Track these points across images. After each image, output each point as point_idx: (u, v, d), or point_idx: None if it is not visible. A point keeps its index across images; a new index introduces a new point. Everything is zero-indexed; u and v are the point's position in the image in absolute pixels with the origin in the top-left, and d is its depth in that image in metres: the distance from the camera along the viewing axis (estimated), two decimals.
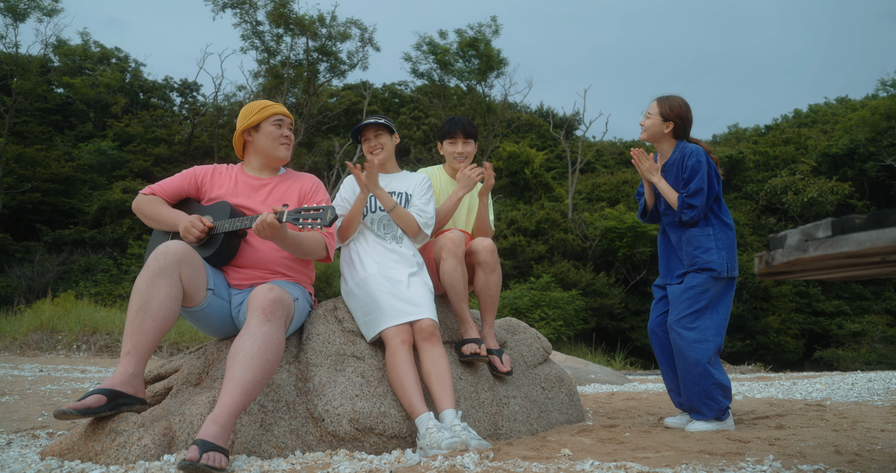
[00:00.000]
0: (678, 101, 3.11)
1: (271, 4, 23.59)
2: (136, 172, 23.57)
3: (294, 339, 2.66)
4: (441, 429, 2.27)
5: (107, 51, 29.28)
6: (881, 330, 19.44)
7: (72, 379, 5.63)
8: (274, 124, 2.70)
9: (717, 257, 2.95)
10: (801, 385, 5.58)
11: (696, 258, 2.98)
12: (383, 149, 2.95)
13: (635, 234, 20.13)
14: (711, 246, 2.97)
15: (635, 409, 3.88)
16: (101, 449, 2.04)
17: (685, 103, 3.11)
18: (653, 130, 3.11)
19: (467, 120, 3.21)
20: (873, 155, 25.03)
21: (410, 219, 2.80)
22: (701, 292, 2.93)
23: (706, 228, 3.01)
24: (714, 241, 2.98)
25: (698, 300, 2.93)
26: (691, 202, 2.96)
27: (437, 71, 27.33)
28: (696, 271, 2.97)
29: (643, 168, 3.09)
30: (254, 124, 2.69)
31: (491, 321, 2.99)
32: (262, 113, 2.69)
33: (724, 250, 2.98)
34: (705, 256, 2.96)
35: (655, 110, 3.11)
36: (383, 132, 2.97)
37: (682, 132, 3.12)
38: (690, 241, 3.02)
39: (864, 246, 1.13)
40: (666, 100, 3.11)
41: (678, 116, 3.08)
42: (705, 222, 3.02)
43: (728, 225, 3.04)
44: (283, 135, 2.71)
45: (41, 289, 16.11)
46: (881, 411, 3.47)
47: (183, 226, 2.49)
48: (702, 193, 2.95)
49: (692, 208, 2.96)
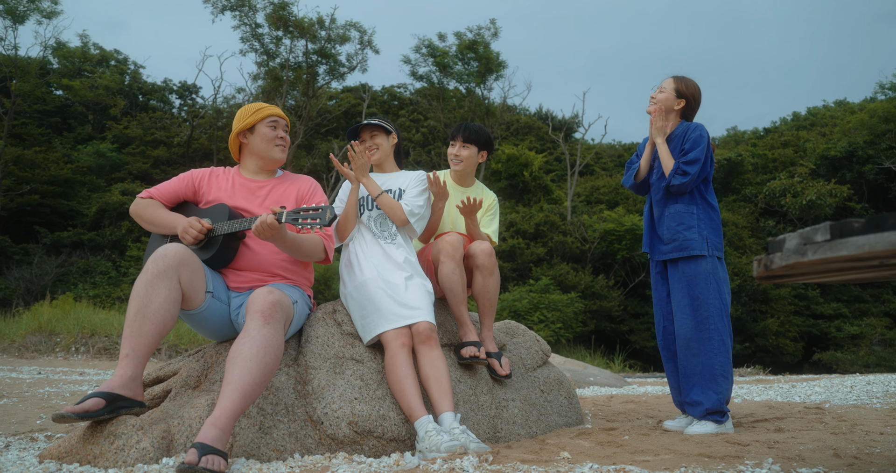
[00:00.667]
0: (693, 82, 3.20)
1: (270, 7, 23.64)
2: (135, 174, 23.58)
3: (293, 342, 2.66)
4: (440, 432, 2.27)
5: (106, 53, 29.32)
6: (880, 333, 19.45)
7: (70, 382, 5.62)
8: (269, 126, 2.70)
9: (697, 236, 2.99)
10: (800, 388, 5.58)
11: (678, 234, 3.02)
12: (379, 149, 2.96)
13: (634, 236, 20.15)
14: (693, 224, 3.01)
15: (634, 412, 3.88)
16: (99, 452, 2.04)
17: (698, 85, 3.20)
18: (665, 103, 3.16)
19: (476, 127, 3.21)
20: (872, 158, 25.08)
21: (396, 206, 2.80)
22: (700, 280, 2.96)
23: (690, 206, 3.05)
24: (696, 220, 3.02)
25: (698, 289, 2.95)
26: (686, 169, 3.00)
27: (437, 73, 27.39)
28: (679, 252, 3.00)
29: (657, 125, 3.12)
30: (248, 127, 2.70)
31: (490, 324, 2.99)
32: (256, 115, 2.69)
33: (706, 229, 3.01)
34: (686, 233, 3.00)
35: (671, 86, 3.18)
36: (379, 133, 2.97)
37: (691, 113, 3.19)
38: (674, 216, 3.06)
39: (863, 250, 1.13)
40: (682, 78, 3.19)
41: (692, 95, 3.16)
42: (690, 199, 3.06)
43: (712, 206, 3.08)
44: (278, 136, 2.71)
45: (39, 291, 16.10)
46: (880, 414, 3.47)
47: (181, 228, 2.49)
48: (698, 163, 2.98)
49: (685, 175, 3.00)
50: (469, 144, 3.18)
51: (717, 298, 2.95)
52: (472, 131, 3.18)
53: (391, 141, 3.01)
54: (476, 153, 3.21)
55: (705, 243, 2.99)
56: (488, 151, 3.28)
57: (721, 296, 2.97)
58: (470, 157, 3.20)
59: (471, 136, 3.18)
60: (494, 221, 3.25)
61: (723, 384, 2.90)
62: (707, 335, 2.92)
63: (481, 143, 3.21)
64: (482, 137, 3.20)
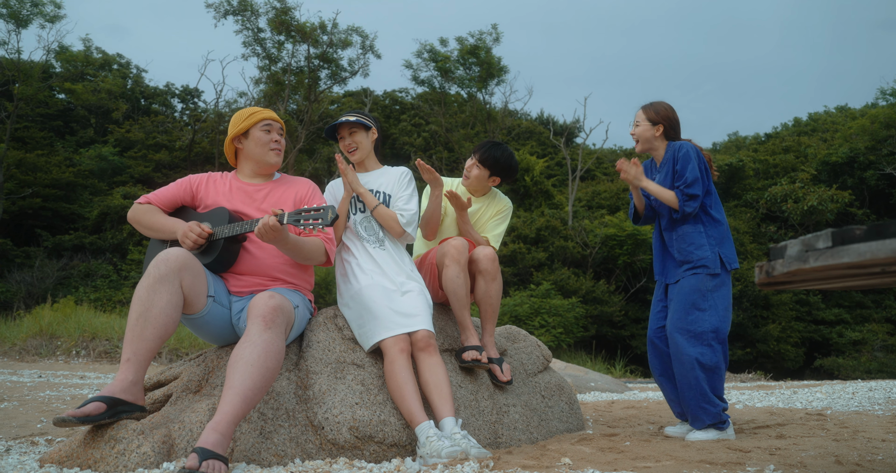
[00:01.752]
0: (661, 104, 3.18)
1: (273, 12, 23.71)
2: (137, 177, 23.61)
3: (294, 347, 2.66)
4: (441, 438, 2.27)
5: (108, 57, 29.40)
6: (882, 339, 19.40)
7: (71, 385, 5.62)
8: (262, 130, 2.70)
9: (709, 254, 2.97)
10: (802, 394, 5.56)
11: (690, 254, 3.00)
12: (359, 147, 2.93)
13: (635, 242, 20.13)
14: (703, 243, 3.00)
15: (635, 418, 3.87)
16: (100, 457, 2.04)
17: (669, 105, 3.19)
18: (644, 135, 3.16)
19: (498, 154, 3.11)
20: (873, 164, 25.07)
21: (392, 218, 2.79)
22: (699, 295, 2.94)
23: (697, 225, 3.04)
24: (706, 237, 3.01)
25: (697, 305, 2.93)
26: (690, 193, 2.97)
27: (438, 78, 27.43)
28: (691, 271, 2.98)
29: (630, 177, 3.09)
30: (242, 131, 2.70)
31: (491, 329, 2.99)
32: (249, 119, 2.69)
33: (717, 245, 3.00)
34: (698, 252, 2.99)
35: (642, 117, 3.17)
36: (358, 130, 2.93)
37: (673, 133, 3.17)
38: (683, 237, 3.05)
39: (865, 257, 1.13)
40: (650, 106, 3.18)
41: (665, 118, 3.14)
42: (695, 219, 3.04)
43: (718, 220, 3.06)
44: (273, 140, 2.70)
45: (41, 294, 16.11)
46: (882, 420, 3.47)
47: (181, 232, 2.49)
48: (698, 182, 2.97)
49: (694, 199, 2.98)
50: (483, 166, 3.15)
51: (714, 314, 2.93)
52: (489, 156, 3.12)
53: (371, 137, 2.96)
54: (487, 177, 3.17)
55: (718, 259, 2.97)
56: (502, 179, 3.21)
57: (718, 313, 2.94)
58: (479, 178, 3.18)
59: (487, 160, 3.13)
60: (501, 225, 3.24)
61: (716, 400, 2.89)
62: (700, 350, 2.90)
63: (496, 169, 3.15)
64: (499, 165, 3.14)
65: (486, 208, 3.25)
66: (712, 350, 2.90)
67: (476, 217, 3.22)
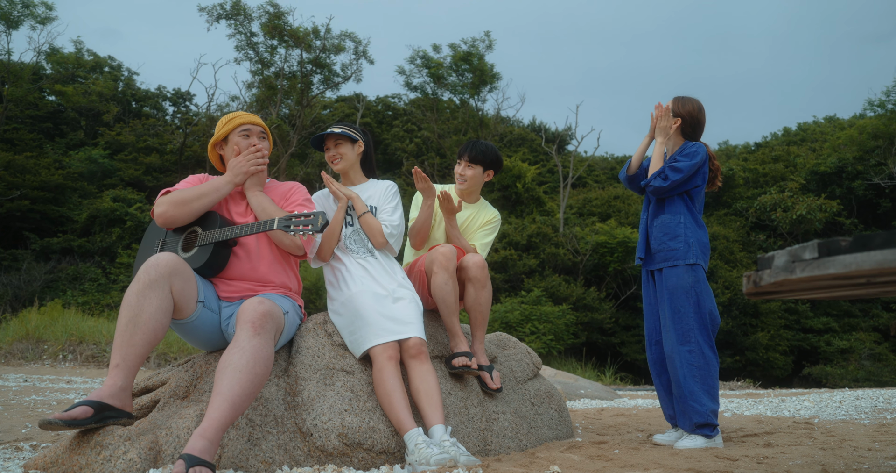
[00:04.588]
0: (692, 100, 3.21)
1: (266, 16, 23.70)
2: (127, 181, 23.45)
3: (283, 353, 2.65)
4: (430, 445, 2.26)
5: (100, 59, 29.25)
6: (869, 347, 19.54)
7: (57, 390, 5.56)
8: (241, 135, 2.68)
9: (682, 245, 3.03)
10: (790, 403, 5.60)
11: (663, 244, 3.08)
12: (342, 158, 2.93)
13: (626, 249, 20.19)
14: (679, 234, 3.05)
15: (625, 425, 3.88)
16: (85, 463, 2.02)
17: (699, 105, 3.21)
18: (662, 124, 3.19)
19: (483, 147, 3.21)
20: (861, 174, 25.32)
21: (377, 227, 2.80)
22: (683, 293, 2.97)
23: (677, 215, 3.09)
24: (683, 229, 3.06)
25: (680, 304, 2.97)
26: (668, 174, 3.03)
27: (431, 84, 27.50)
28: (669, 263, 3.03)
29: (660, 124, 3.14)
30: (222, 137, 2.70)
31: (481, 336, 2.99)
32: (228, 125, 2.68)
33: (692, 237, 3.04)
34: (672, 242, 3.05)
35: (670, 106, 3.21)
36: (343, 141, 2.93)
37: (691, 131, 3.20)
38: (661, 226, 3.11)
39: (850, 269, 1.15)
40: (679, 98, 3.23)
41: (687, 113, 3.18)
42: (677, 209, 3.09)
43: (699, 223, 3.11)
44: (251, 144, 2.68)
45: (28, 298, 15.95)
46: (868, 429, 3.49)
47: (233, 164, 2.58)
48: (681, 173, 3.02)
49: (665, 180, 3.04)
50: (474, 164, 3.20)
51: (696, 311, 2.96)
52: (478, 151, 3.19)
53: (357, 150, 2.96)
54: (481, 173, 3.23)
55: (690, 250, 3.02)
56: (495, 171, 3.28)
57: (700, 310, 2.97)
58: (475, 177, 3.22)
59: (476, 156, 3.19)
60: (489, 236, 3.26)
61: (704, 399, 2.90)
62: (688, 347, 2.94)
63: (487, 162, 3.22)
64: (488, 157, 3.21)
65: (475, 215, 3.27)
66: (699, 347, 2.93)
67: (465, 225, 3.24)
